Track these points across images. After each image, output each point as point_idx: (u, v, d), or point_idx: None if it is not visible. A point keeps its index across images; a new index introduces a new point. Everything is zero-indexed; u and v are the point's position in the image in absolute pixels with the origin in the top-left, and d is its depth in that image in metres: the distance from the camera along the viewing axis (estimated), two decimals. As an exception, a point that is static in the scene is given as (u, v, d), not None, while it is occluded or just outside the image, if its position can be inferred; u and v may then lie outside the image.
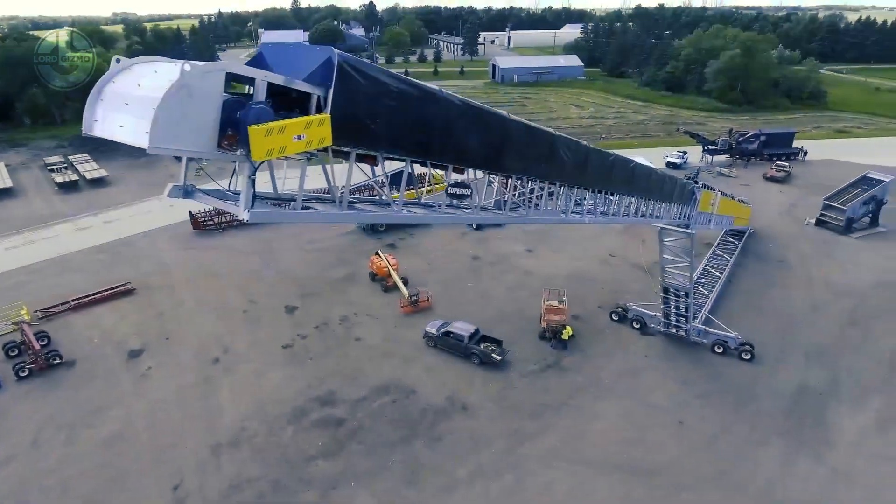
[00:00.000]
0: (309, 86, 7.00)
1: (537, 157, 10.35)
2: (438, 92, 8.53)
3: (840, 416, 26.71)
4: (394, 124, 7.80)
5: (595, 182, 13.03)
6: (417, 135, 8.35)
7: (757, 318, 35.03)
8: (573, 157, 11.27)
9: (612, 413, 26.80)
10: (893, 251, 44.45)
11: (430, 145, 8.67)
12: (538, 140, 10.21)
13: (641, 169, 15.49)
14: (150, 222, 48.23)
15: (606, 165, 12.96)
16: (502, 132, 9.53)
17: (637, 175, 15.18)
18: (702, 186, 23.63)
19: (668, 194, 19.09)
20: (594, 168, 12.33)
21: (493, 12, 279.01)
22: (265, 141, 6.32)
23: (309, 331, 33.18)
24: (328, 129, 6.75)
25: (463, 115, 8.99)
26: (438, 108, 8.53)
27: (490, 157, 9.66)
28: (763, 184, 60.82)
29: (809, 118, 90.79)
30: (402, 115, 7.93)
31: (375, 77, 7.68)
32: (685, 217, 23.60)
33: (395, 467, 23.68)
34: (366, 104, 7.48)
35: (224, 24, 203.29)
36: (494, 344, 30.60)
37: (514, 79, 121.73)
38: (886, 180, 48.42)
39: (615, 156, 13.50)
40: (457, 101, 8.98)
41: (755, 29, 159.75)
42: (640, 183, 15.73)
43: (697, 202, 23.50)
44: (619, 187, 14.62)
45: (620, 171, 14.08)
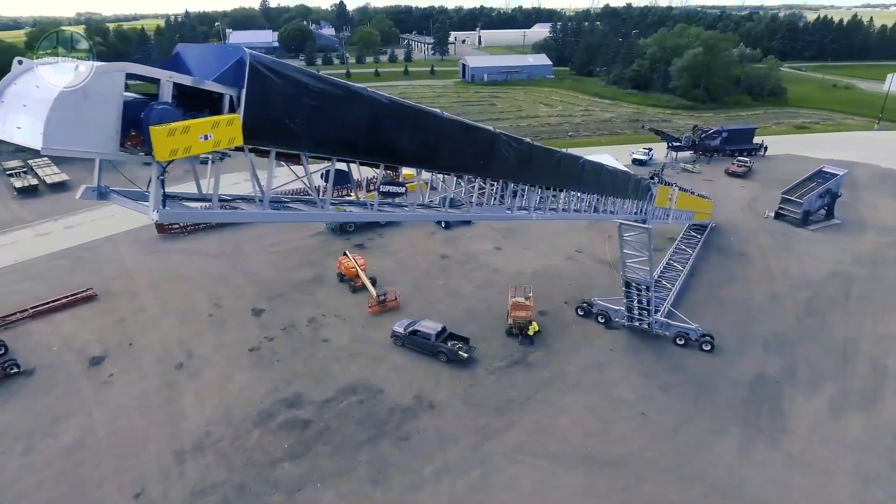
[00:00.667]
0: (220, 86, 7.03)
1: (476, 155, 10.48)
2: (363, 91, 8.58)
3: (795, 403, 27.64)
4: (316, 124, 7.84)
5: (541, 179, 13.24)
6: (342, 134, 8.40)
7: (718, 309, 35.97)
8: (516, 155, 11.45)
9: (577, 407, 27.24)
10: (847, 243, 46.07)
11: (356, 144, 8.70)
12: (476, 138, 10.34)
13: (591, 166, 15.81)
14: (114, 226, 47.08)
15: (553, 163, 13.20)
16: (436, 130, 9.61)
17: (586, 172, 15.49)
18: (657, 182, 24.18)
19: (621, 190, 19.51)
20: (540, 165, 12.54)
21: (463, 12, 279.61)
22: (168, 141, 6.34)
23: (276, 333, 32.92)
24: (238, 129, 6.80)
25: (392, 114, 9.04)
26: (364, 107, 8.59)
27: (424, 156, 9.71)
28: (725, 179, 62.41)
29: (770, 114, 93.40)
30: (325, 115, 7.98)
31: (293, 77, 7.74)
32: (642, 212, 24.16)
33: (361, 467, 23.70)
34: (283, 104, 7.53)
35: (191, 25, 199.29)
36: (461, 342, 30.81)
37: (484, 78, 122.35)
38: (840, 174, 50.18)
39: (562, 153, 13.75)
40: (384, 100, 9.03)
41: (719, 28, 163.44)
42: (589, 179, 16.04)
43: (654, 197, 24.05)
44: (567, 184, 14.89)
45: (568, 168, 14.34)
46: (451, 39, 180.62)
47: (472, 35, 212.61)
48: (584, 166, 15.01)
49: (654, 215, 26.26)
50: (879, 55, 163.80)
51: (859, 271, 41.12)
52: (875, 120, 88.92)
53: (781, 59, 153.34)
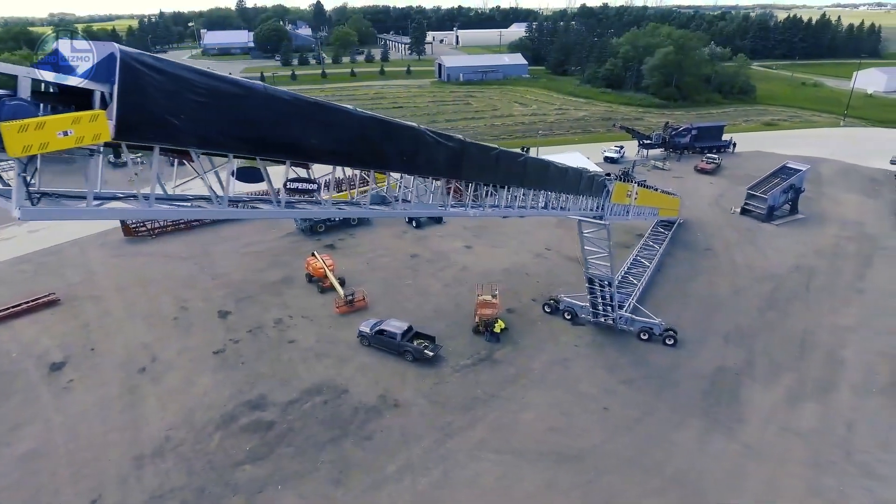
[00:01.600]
0: (88, 82, 6.98)
1: (399, 153, 10.52)
2: (257, 87, 8.52)
3: (753, 393, 28.23)
4: (203, 120, 7.79)
5: (477, 176, 13.32)
6: (236, 131, 8.36)
7: (683, 304, 36.58)
8: (446, 152, 11.51)
9: (541, 402, 27.49)
10: (809, 237, 47.15)
11: (253, 141, 8.65)
12: (398, 135, 10.36)
13: (535, 162, 15.94)
14: (80, 230, 46.27)
15: (489, 160, 13.30)
16: (348, 128, 9.62)
17: (529, 168, 15.61)
18: (614, 178, 24.49)
19: (572, 187, 19.73)
20: (474, 163, 12.63)
21: (441, 12, 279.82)
22: (20, 137, 6.25)
23: (242, 335, 32.67)
24: (104, 126, 6.76)
25: (295, 112, 8.99)
26: (261, 104, 8.54)
27: (339, 153, 9.70)
28: (694, 176, 63.39)
29: (740, 112, 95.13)
30: (214, 111, 7.93)
31: (174, 73, 7.70)
32: (599, 209, 24.46)
33: (323, 468, 23.65)
34: (163, 100, 7.48)
35: (165, 25, 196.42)
36: (427, 340, 30.89)
37: (460, 77, 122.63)
38: (803, 169, 51.28)
39: (500, 150, 13.85)
40: (286, 97, 8.93)
41: (691, 27, 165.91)
42: (533, 176, 16.19)
43: (610, 194, 24.37)
44: (508, 181, 14.99)
45: (507, 165, 14.44)
46: (428, 39, 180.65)
47: (449, 35, 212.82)
48: (525, 163, 15.13)
49: (613, 212, 26.60)
50: (847, 53, 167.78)
51: (820, 264, 42.11)
52: (841, 117, 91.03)
53: (752, 58, 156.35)
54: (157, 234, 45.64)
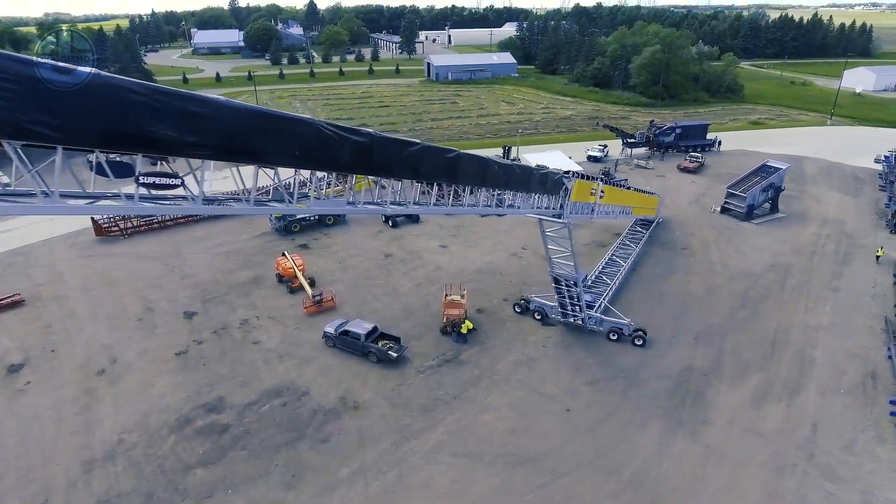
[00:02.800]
0: None
1: (289, 147, 9.97)
2: (86, 74, 7.86)
3: (719, 394, 27.87)
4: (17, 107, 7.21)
5: (392, 172, 12.87)
6: (68, 122, 7.81)
7: (656, 303, 36.23)
8: (353, 147, 11.04)
9: (502, 404, 27.08)
10: (789, 235, 46.87)
11: (85, 132, 8.22)
12: (284, 128, 9.81)
13: (469, 159, 15.49)
14: (51, 230, 45.74)
15: (409, 154, 12.87)
16: (214, 119, 9.10)
17: (463, 165, 15.16)
18: (573, 176, 24.05)
19: (520, 184, 19.29)
20: (388, 157, 12.21)
21: (435, 11, 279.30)
22: None
23: (206, 336, 32.19)
24: None
25: (141, 101, 8.36)
26: (97, 91, 7.92)
27: (203, 145, 9.19)
28: (677, 174, 63.08)
29: (727, 111, 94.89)
30: (38, 102, 7.34)
31: None
32: (557, 207, 24.04)
33: (276, 471, 23.21)
34: None
35: (156, 24, 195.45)
36: (392, 341, 30.47)
37: (448, 76, 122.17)
38: (783, 168, 51.01)
39: (423, 145, 13.40)
40: (127, 85, 8.23)
41: (683, 26, 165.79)
42: (467, 173, 15.75)
43: (569, 192, 23.95)
44: (435, 176, 14.56)
45: (432, 160, 13.99)
46: (420, 38, 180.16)
47: (441, 34, 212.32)
48: (457, 160, 14.69)
49: (574, 210, 26.20)
50: (838, 53, 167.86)
51: (797, 262, 41.83)
52: (828, 116, 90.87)
53: (743, 57, 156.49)
54: (129, 234, 45.11)
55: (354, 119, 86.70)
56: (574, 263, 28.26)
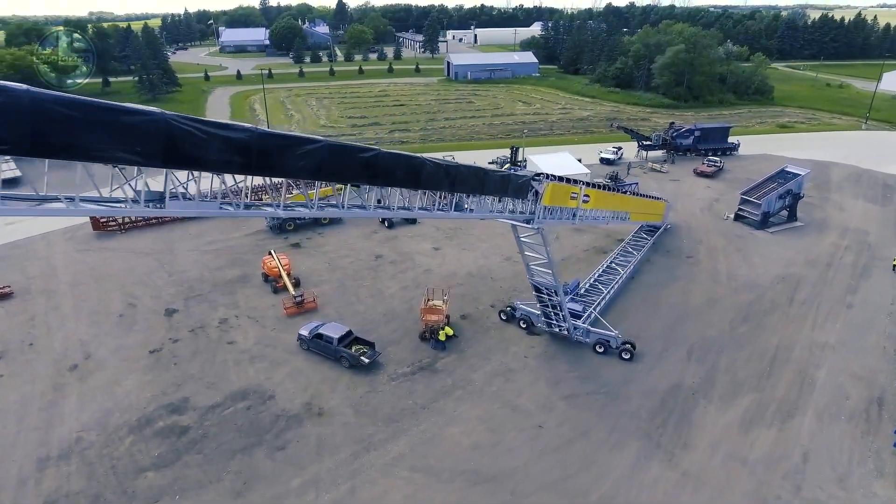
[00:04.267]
0: None
1: (143, 146, 9.34)
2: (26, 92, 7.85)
3: (706, 415, 26.03)
4: None
5: (286, 171, 11.88)
6: None
7: (651, 313, 34.40)
8: (223, 145, 10.11)
9: (471, 416, 25.83)
10: (805, 245, 44.17)
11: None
12: (125, 123, 9.09)
13: (392, 158, 14.35)
14: (52, 223, 46.18)
15: (311, 154, 11.83)
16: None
17: (383, 165, 14.00)
18: (545, 179, 22.53)
19: (472, 187, 17.96)
20: (277, 155, 11.21)
21: (463, 11, 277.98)
22: None
23: (183, 335, 31.82)
24: None
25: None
26: None
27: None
28: (692, 179, 60.49)
29: (754, 113, 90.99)
30: None
31: None
32: (528, 212, 22.59)
33: (228, 478, 22.51)
34: None
35: (187, 23, 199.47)
36: (366, 346, 29.52)
37: (468, 76, 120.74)
38: (802, 174, 48.22)
39: (328, 142, 12.30)
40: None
41: (716, 26, 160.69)
42: (391, 173, 14.58)
43: (540, 195, 22.46)
44: (342, 177, 13.48)
45: (342, 159, 12.87)
46: (446, 38, 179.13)
47: (468, 34, 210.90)
48: (375, 159, 13.46)
49: (551, 216, 24.69)
50: (881, 54, 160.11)
51: (810, 274, 39.27)
52: (863, 119, 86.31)
53: (780, 59, 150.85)
54: (126, 230, 45.35)
55: (368, 118, 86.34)
56: (552, 272, 26.76)
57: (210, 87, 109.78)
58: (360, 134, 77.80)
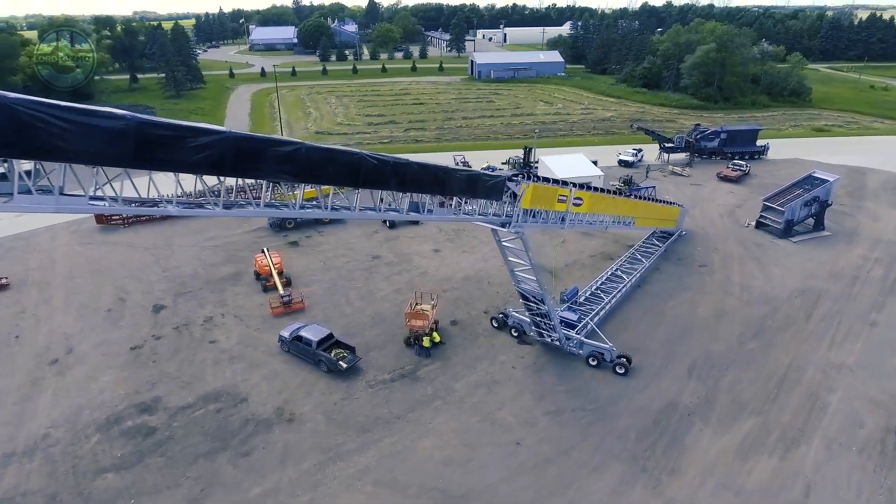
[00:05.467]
0: None
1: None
2: None
3: (700, 438, 24.05)
4: None
5: (187, 168, 10.95)
6: None
7: (653, 325, 32.41)
8: (101, 135, 9.31)
9: (447, 429, 24.47)
10: (830, 256, 41.25)
11: None
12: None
13: (318, 152, 13.08)
14: (60, 216, 46.58)
15: (206, 147, 10.75)
16: None
17: (309, 160, 12.77)
18: (523, 180, 20.95)
19: (426, 186, 16.53)
20: (173, 150, 10.29)
21: (495, 10, 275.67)
22: None
23: (166, 332, 31.37)
24: None
25: None
26: None
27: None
28: (715, 183, 57.60)
29: (788, 116, 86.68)
30: None
31: None
32: (503, 214, 21.07)
33: (186, 483, 21.73)
34: None
35: (220, 22, 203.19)
36: (347, 350, 28.45)
37: (491, 74, 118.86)
38: (831, 180, 45.13)
39: (228, 133, 11.25)
40: None
41: (755, 26, 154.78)
42: (322, 171, 13.37)
43: (518, 197, 20.89)
44: (269, 175, 12.38)
45: (253, 154, 11.72)
46: (473, 37, 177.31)
47: (497, 33, 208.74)
48: (296, 152, 12.28)
49: (534, 219, 23.08)
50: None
51: (832, 288, 36.51)
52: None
53: (823, 59, 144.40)
54: (130, 224, 45.48)
55: (385, 116, 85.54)
56: (537, 279, 25.17)
57: (234, 85, 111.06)
58: (375, 132, 77.11)
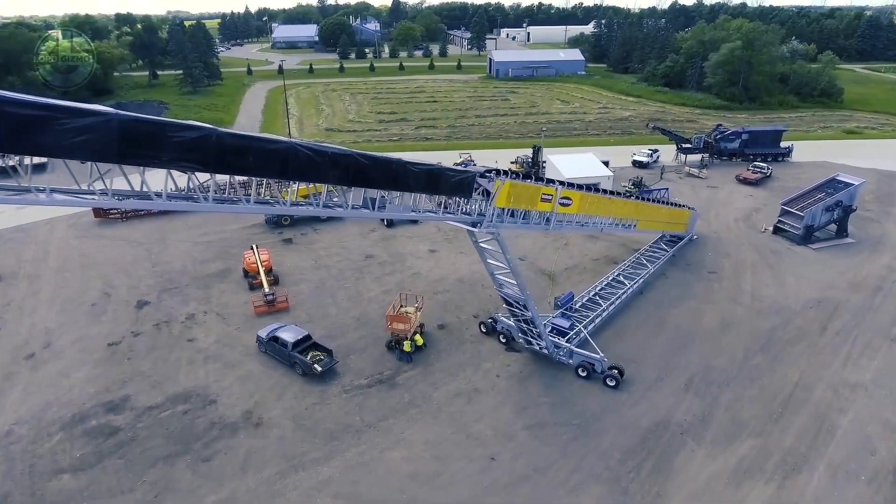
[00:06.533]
0: None
1: None
2: None
3: (691, 460, 22.19)
4: None
5: (64, 153, 10.12)
6: None
7: (652, 335, 30.51)
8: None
9: (419, 440, 23.11)
10: (852, 265, 38.59)
11: None
12: None
13: (234, 140, 11.87)
14: (61, 208, 46.69)
15: (89, 128, 9.83)
16: None
17: (222, 148, 11.57)
18: (495, 176, 19.31)
19: (382, 182, 15.13)
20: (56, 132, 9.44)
21: (520, 9, 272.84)
22: None
23: (146, 328, 30.73)
24: None
25: None
26: None
27: None
28: (733, 186, 54.93)
29: (818, 117, 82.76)
30: None
31: None
32: (474, 214, 19.54)
33: (141, 488, 20.85)
34: None
35: (245, 20, 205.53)
36: (324, 353, 27.32)
37: (509, 73, 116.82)
38: (856, 184, 42.34)
39: (121, 115, 10.27)
40: None
41: (787, 25, 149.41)
42: (239, 163, 12.16)
43: (492, 196, 19.32)
44: (177, 165, 11.27)
45: (153, 138, 10.70)
46: (500, 35, 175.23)
47: (521, 32, 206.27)
48: (206, 139, 11.11)
49: (512, 219, 21.51)
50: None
51: (852, 300, 34.01)
52: (946, 126, 76.89)
53: (861, 60, 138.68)
54: (127, 218, 45.25)
55: (397, 114, 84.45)
56: (517, 282, 23.60)
57: (251, 82, 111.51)
58: (385, 130, 76.12)
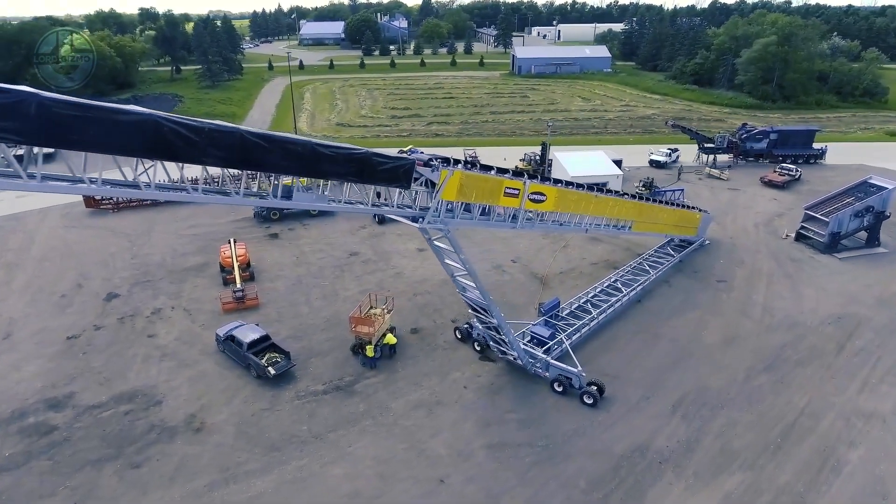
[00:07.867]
0: None
1: None
2: None
3: (668, 495, 19.52)
4: None
5: None
6: None
7: (644, 348, 27.75)
8: None
9: (367, 455, 21.08)
10: (880, 277, 34.85)
11: None
12: None
13: (139, 121, 10.17)
14: (57, 198, 46.38)
15: None
16: None
17: (123, 130, 10.03)
18: (441, 165, 16.95)
19: (292, 167, 12.92)
20: None
21: (553, 7, 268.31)
22: None
23: (109, 322, 29.62)
24: None
25: None
26: None
27: None
28: (757, 188, 51.14)
29: (858, 118, 77.28)
30: None
31: None
32: (414, 207, 17.28)
33: (62, 494, 19.46)
34: None
35: (275, 18, 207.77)
36: (281, 355, 25.57)
37: (532, 69, 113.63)
38: (889, 188, 38.39)
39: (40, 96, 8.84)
40: None
41: (833, 23, 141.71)
42: (137, 144, 10.50)
43: (438, 187, 17.02)
44: (90, 147, 10.46)
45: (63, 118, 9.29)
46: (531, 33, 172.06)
47: (552, 30, 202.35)
48: (117, 115, 9.52)
49: (467, 213, 19.24)
50: None
51: (877, 317, 30.45)
52: None
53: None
54: (119, 209, 44.64)
55: (410, 109, 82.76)
56: (477, 286, 21.32)
57: (271, 77, 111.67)
58: (396, 125, 74.46)
